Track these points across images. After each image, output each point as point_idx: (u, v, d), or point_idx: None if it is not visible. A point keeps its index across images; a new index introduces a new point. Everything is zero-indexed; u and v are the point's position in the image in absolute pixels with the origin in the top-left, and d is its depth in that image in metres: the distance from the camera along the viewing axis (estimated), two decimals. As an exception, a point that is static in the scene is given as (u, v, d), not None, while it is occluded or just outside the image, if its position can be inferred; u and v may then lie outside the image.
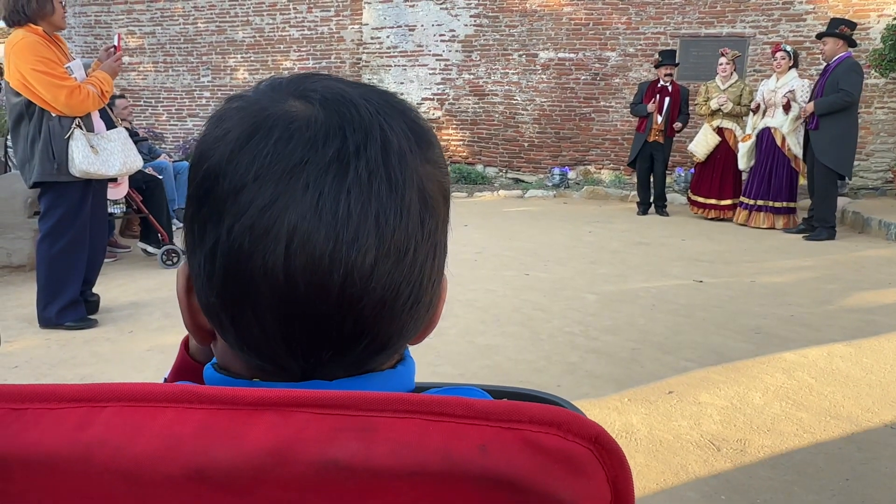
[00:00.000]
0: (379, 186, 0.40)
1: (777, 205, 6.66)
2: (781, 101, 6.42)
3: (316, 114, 0.41)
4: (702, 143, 7.08)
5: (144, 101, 11.72)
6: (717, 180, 7.07)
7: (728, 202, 7.06)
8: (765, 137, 6.66)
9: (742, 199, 6.92)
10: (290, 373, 0.42)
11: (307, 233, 0.39)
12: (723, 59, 7.00)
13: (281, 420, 0.35)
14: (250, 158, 0.40)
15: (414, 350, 0.51)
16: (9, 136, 5.89)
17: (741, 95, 6.94)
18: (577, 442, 0.35)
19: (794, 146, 6.51)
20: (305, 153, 0.39)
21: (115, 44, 3.69)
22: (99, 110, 3.57)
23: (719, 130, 7.04)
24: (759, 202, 6.73)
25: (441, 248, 0.45)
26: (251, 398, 0.36)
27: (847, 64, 6.08)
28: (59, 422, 0.36)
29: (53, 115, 3.33)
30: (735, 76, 7.12)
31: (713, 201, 7.13)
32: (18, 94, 3.30)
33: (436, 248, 0.43)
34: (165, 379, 0.67)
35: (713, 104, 6.95)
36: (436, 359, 3.11)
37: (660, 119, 7.23)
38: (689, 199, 7.51)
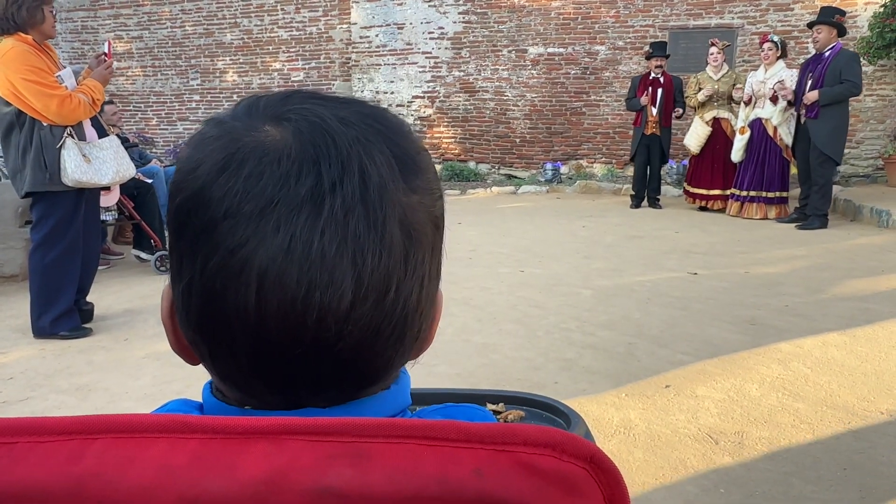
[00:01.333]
0: (356, 225, 0.38)
1: (770, 195, 6.68)
2: (769, 92, 6.44)
3: (290, 145, 0.39)
4: (693, 135, 7.12)
5: (134, 106, 11.67)
6: (719, 170, 7.09)
7: (717, 192, 7.10)
8: (756, 129, 6.68)
9: (733, 190, 6.94)
10: (273, 406, 0.42)
11: (279, 276, 0.38)
12: (713, 49, 7.01)
13: (274, 448, 0.35)
14: (220, 195, 0.39)
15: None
16: (-2, 146, 5.85)
17: (734, 85, 6.95)
18: (572, 462, 0.34)
19: (786, 136, 6.54)
20: (277, 192, 0.38)
21: (105, 51, 3.67)
22: (91, 119, 3.55)
23: (715, 121, 7.05)
24: (752, 193, 6.75)
25: (431, 277, 0.43)
26: (243, 427, 0.35)
27: (848, 54, 6.14)
28: (50, 455, 0.36)
29: (44, 124, 3.31)
30: (726, 66, 7.14)
31: (715, 191, 7.15)
32: (9, 104, 3.28)
33: (423, 279, 0.42)
34: None
35: (700, 97, 6.98)
36: (432, 358, 3.10)
37: (654, 111, 7.24)
38: (685, 190, 7.52)
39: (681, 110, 7.30)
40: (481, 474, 0.34)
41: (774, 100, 6.43)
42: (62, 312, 3.51)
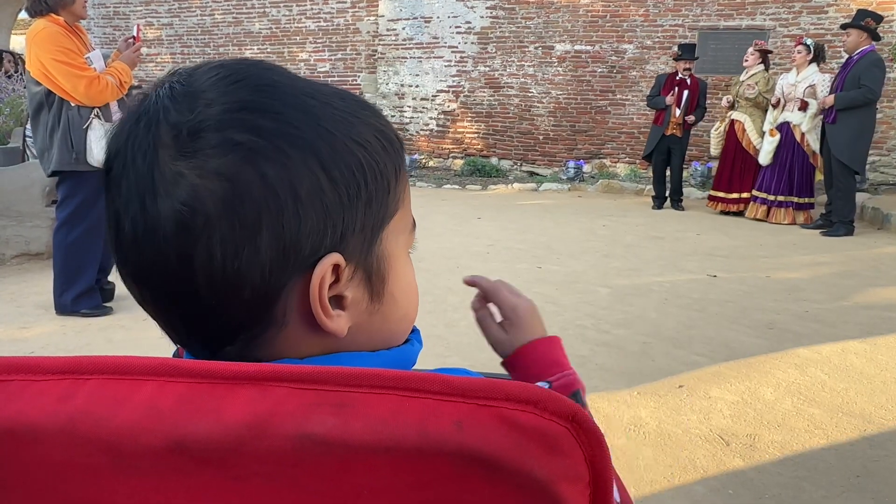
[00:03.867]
0: (128, 189, 0.41)
1: (800, 200, 6.59)
2: (799, 96, 6.34)
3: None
4: (713, 136, 7.14)
5: (162, 93, 11.82)
6: (726, 172, 7.04)
7: (722, 194, 7.04)
8: (784, 133, 6.57)
9: (755, 192, 6.82)
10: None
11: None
12: (752, 49, 6.93)
13: (259, 394, 0.35)
14: None
15: (423, 342, 0.51)
16: (28, 125, 5.96)
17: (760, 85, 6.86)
18: (553, 420, 0.34)
19: (814, 142, 6.43)
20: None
21: (134, 35, 3.72)
22: (118, 101, 3.60)
23: (731, 122, 6.98)
24: (781, 198, 6.64)
25: (257, 250, 0.40)
26: (230, 372, 0.36)
27: (870, 59, 5.97)
28: (43, 393, 0.37)
29: (73, 104, 3.37)
30: (759, 67, 7.03)
31: (733, 195, 7.06)
32: (39, 84, 3.34)
33: (223, 247, 0.39)
34: None
35: (723, 103, 6.97)
36: (445, 350, 3.11)
37: (678, 112, 7.18)
38: (709, 195, 7.46)
39: (694, 118, 7.23)
40: (461, 427, 0.34)
41: (804, 106, 6.33)
42: (84, 291, 3.57)
